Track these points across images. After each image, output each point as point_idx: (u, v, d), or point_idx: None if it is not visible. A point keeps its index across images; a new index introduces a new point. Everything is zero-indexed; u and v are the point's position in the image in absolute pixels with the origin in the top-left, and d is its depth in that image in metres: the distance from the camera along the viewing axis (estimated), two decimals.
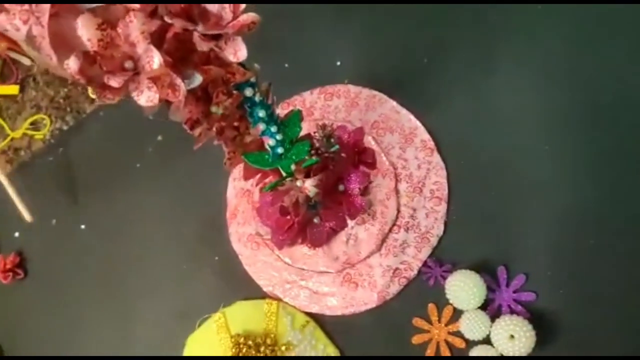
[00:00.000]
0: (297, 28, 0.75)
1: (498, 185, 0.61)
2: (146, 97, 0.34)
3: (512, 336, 0.52)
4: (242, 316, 0.67)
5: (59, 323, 0.74)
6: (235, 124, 0.45)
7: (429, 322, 0.59)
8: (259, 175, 0.55)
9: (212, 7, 0.34)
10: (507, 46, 0.66)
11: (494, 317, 0.55)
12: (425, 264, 0.60)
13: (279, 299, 0.66)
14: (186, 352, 0.68)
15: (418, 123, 0.65)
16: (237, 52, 0.35)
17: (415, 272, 0.61)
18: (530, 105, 0.63)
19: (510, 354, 0.53)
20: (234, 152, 0.48)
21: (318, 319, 0.64)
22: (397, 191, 0.63)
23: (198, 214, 0.73)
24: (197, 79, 0.35)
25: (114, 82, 0.32)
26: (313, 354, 0.62)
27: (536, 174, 0.60)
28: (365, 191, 0.62)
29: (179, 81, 0.34)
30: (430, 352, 0.58)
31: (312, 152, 0.55)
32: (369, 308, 0.61)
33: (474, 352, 0.55)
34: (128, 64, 0.34)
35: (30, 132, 0.85)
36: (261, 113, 0.44)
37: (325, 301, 0.63)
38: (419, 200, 0.62)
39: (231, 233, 0.70)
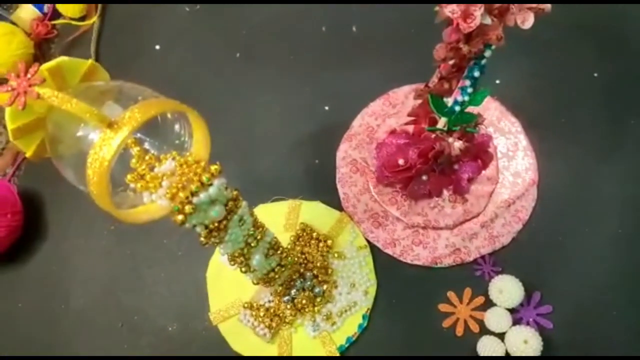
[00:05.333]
0: None
1: (569, 236, 0.72)
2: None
3: (525, 341, 0.64)
4: (315, 213, 0.76)
5: None
6: (454, 68, 0.56)
7: (460, 300, 0.70)
8: (417, 117, 0.67)
9: None
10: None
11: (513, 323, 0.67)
12: (482, 257, 0.71)
13: (351, 217, 0.76)
14: None
15: (534, 161, 0.76)
16: (524, 21, 0.46)
17: (471, 259, 0.71)
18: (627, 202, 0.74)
19: (517, 354, 0.64)
20: (428, 89, 0.60)
21: (373, 250, 0.73)
22: (491, 195, 0.74)
23: (323, 119, 0.82)
24: (488, 21, 0.46)
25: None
26: (358, 272, 0.72)
27: (607, 241, 0.72)
28: (470, 181, 0.73)
29: (478, 13, 0.45)
30: (448, 322, 0.69)
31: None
32: (418, 264, 0.72)
33: (483, 339, 0.67)
34: None
35: None
36: (476, 73, 0.55)
37: (386, 237, 0.74)
38: (503, 212, 0.73)
39: (340, 149, 0.80)
